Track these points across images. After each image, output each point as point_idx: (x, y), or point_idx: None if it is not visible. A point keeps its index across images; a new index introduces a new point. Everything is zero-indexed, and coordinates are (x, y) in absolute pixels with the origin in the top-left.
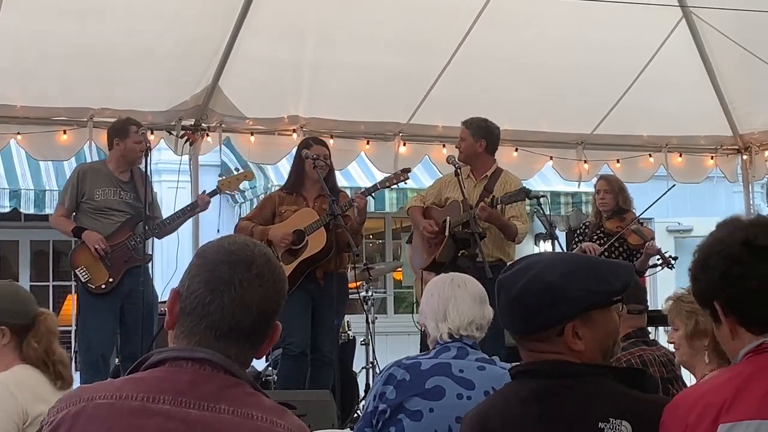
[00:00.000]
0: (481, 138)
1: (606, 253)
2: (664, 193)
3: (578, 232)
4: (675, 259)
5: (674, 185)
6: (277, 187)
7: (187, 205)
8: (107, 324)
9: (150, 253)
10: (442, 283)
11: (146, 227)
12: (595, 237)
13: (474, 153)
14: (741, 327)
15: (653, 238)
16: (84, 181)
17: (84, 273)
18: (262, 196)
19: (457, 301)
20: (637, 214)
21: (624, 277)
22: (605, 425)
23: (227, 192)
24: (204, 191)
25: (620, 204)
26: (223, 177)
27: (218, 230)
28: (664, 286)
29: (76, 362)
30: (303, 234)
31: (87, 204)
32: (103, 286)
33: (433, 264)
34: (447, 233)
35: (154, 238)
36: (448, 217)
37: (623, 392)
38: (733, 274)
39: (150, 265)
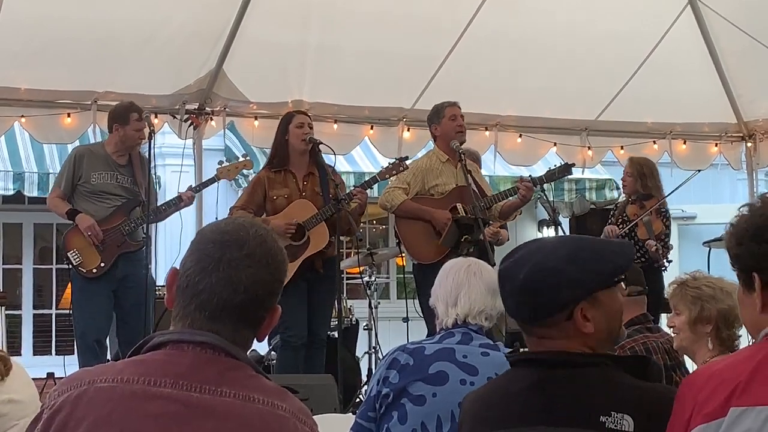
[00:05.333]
0: None
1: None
2: (688, 179)
3: (611, 213)
4: (669, 261)
5: (699, 171)
6: None
7: (173, 198)
8: (100, 308)
9: (144, 237)
10: (458, 268)
11: (146, 212)
12: (620, 221)
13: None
14: None
15: (663, 233)
16: (81, 163)
17: (76, 256)
18: None
19: (471, 288)
20: (660, 202)
21: (624, 254)
22: (607, 418)
23: (226, 179)
24: (190, 186)
25: (642, 189)
26: (223, 164)
27: (212, 217)
28: (668, 274)
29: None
30: (303, 229)
31: (83, 187)
32: (95, 270)
33: (449, 254)
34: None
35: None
36: (459, 204)
37: (625, 383)
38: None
39: (151, 248)
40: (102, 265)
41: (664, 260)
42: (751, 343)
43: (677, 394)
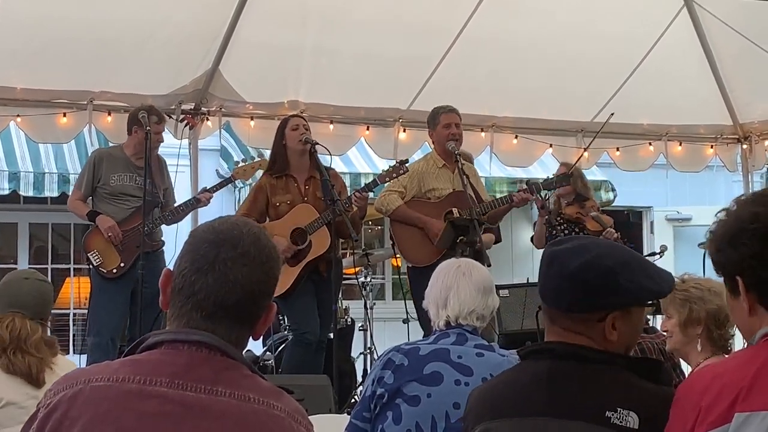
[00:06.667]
0: None
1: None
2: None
3: (545, 216)
4: (631, 246)
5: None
6: None
7: (190, 199)
8: (117, 308)
9: (164, 239)
10: (447, 270)
11: (165, 213)
12: (555, 223)
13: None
14: (761, 306)
15: (612, 226)
16: (100, 166)
17: (96, 257)
18: None
19: (459, 289)
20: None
21: (669, 281)
22: (612, 414)
23: (242, 179)
24: (205, 188)
25: (579, 191)
26: (239, 164)
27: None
28: None
29: (73, 344)
30: (305, 233)
31: (103, 189)
32: (115, 271)
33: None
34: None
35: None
36: (454, 209)
37: (633, 382)
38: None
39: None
40: (122, 265)
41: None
42: (745, 346)
43: (675, 398)
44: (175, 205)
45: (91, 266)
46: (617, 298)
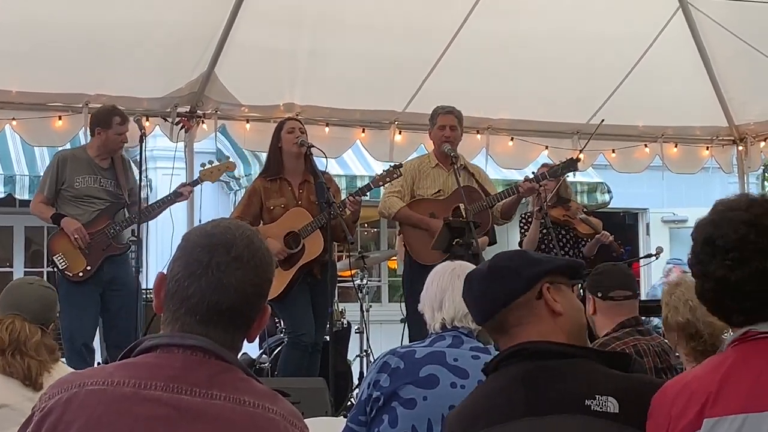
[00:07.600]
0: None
1: (553, 241)
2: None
3: (521, 222)
4: (628, 249)
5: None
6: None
7: (169, 194)
8: (87, 312)
9: (134, 239)
10: (442, 272)
11: (131, 214)
12: (550, 225)
13: (458, 143)
14: (716, 315)
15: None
16: (64, 168)
17: (61, 260)
18: None
19: (454, 292)
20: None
21: (579, 262)
22: (592, 402)
23: (209, 181)
24: (184, 183)
25: (561, 193)
26: (206, 167)
27: (200, 220)
28: (659, 276)
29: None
30: (299, 237)
31: (67, 191)
32: (81, 274)
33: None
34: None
35: (148, 223)
36: (461, 205)
37: (606, 371)
38: (696, 273)
39: (142, 251)
40: (88, 268)
41: (622, 250)
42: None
43: (650, 408)
44: (151, 202)
45: (56, 270)
46: (539, 267)
